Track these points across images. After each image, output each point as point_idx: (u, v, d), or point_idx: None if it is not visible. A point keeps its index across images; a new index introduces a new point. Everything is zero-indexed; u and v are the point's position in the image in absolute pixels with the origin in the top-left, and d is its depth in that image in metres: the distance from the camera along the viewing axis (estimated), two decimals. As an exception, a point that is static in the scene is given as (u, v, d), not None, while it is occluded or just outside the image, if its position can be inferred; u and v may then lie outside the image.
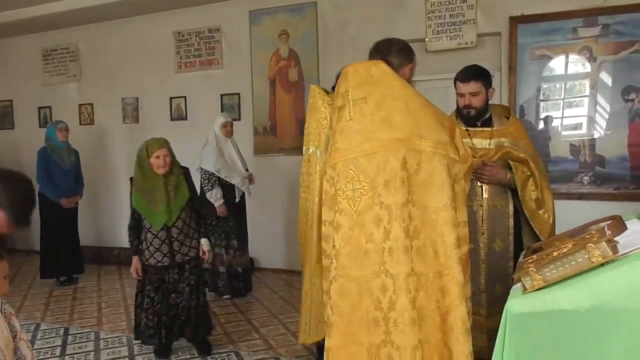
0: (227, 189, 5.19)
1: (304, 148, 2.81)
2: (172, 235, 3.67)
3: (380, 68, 2.22)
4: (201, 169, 5.17)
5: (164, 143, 3.72)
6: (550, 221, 2.95)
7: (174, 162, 3.76)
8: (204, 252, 3.83)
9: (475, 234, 2.93)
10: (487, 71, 3.10)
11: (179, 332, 3.79)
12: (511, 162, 2.99)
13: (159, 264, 3.69)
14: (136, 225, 3.75)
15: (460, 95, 3.05)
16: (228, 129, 5.28)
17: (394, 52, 2.49)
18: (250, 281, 5.49)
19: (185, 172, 3.89)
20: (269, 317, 4.73)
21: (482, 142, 3.02)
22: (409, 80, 2.46)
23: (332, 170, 2.18)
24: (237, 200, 5.25)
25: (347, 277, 2.12)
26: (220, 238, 5.19)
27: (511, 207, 3.00)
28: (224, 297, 5.29)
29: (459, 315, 2.05)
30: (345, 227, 2.13)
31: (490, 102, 3.14)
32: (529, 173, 2.99)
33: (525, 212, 2.96)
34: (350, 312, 2.13)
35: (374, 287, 2.09)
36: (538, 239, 2.87)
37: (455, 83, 3.09)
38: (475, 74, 3.04)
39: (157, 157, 3.62)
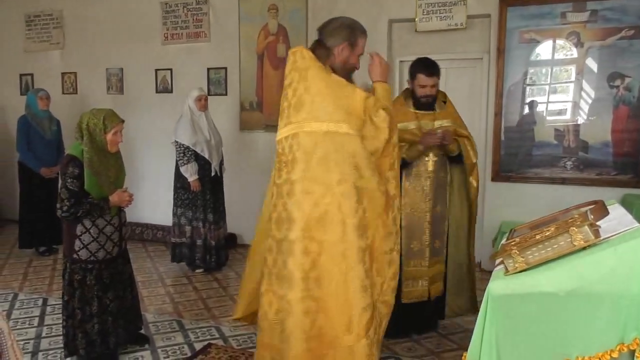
0: (204, 162, 5.15)
1: None
2: (122, 220, 3.36)
3: (303, 55, 2.46)
4: (176, 142, 5.10)
5: (119, 117, 3.26)
6: (476, 185, 3.66)
7: None
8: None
9: (422, 200, 3.56)
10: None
11: (123, 332, 3.41)
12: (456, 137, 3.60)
13: (108, 255, 3.26)
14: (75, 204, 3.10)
15: (422, 86, 3.49)
16: (202, 103, 5.21)
17: (328, 33, 2.55)
18: (224, 256, 5.44)
19: None
20: (251, 292, 4.75)
21: (427, 123, 3.56)
22: (348, 58, 2.55)
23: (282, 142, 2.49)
24: (212, 174, 5.22)
25: (272, 237, 2.51)
26: (197, 211, 5.18)
27: (449, 178, 3.67)
28: (197, 271, 5.31)
29: (356, 275, 2.36)
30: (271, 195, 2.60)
31: None
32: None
33: (466, 168, 3.62)
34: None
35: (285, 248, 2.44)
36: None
37: (415, 74, 3.52)
38: (437, 70, 3.53)
39: (115, 133, 3.17)
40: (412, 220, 3.57)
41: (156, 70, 6.70)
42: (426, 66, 3.50)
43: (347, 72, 2.57)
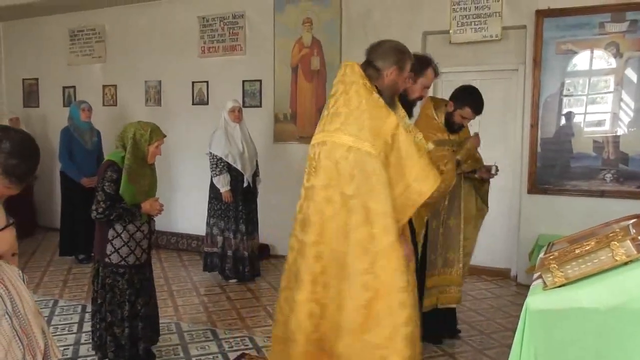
0: (236, 174, 5.22)
1: None
2: (151, 228, 3.44)
3: (353, 70, 2.55)
4: (210, 153, 5.21)
5: (163, 132, 3.41)
6: None
7: None
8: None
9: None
10: None
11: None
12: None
13: (137, 262, 3.33)
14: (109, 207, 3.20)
15: (465, 118, 3.62)
16: (236, 114, 5.30)
17: (379, 54, 2.63)
18: (257, 267, 5.49)
19: None
20: (284, 303, 4.76)
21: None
22: (395, 80, 2.63)
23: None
24: (245, 185, 5.28)
25: (295, 237, 2.70)
26: (229, 222, 5.24)
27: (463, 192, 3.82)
28: (230, 281, 5.36)
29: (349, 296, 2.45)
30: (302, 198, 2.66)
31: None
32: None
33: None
34: None
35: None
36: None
37: (463, 106, 3.56)
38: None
39: (157, 146, 3.32)
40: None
41: (193, 82, 6.84)
42: (479, 105, 3.58)
43: (392, 94, 2.67)
